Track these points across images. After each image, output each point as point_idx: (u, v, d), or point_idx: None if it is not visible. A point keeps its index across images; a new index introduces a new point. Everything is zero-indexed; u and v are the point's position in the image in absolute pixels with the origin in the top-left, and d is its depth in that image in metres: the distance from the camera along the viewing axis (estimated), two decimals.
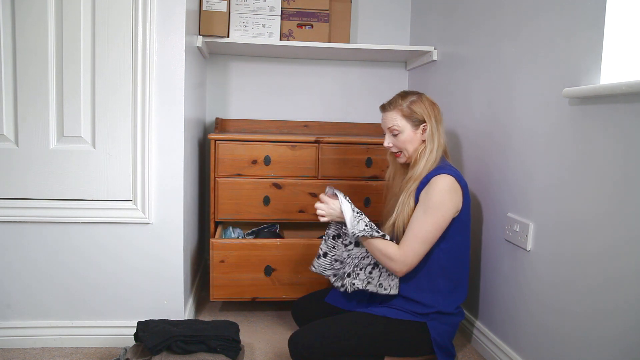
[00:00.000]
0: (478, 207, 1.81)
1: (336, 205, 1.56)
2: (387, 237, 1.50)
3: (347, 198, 1.56)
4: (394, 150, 1.61)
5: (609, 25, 1.17)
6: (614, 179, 1.13)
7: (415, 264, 1.47)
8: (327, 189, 1.61)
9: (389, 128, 1.58)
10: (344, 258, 1.62)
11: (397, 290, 1.52)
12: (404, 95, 1.60)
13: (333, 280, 1.61)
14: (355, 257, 1.59)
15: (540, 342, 1.42)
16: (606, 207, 1.15)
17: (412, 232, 1.46)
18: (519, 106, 1.55)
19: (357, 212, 1.53)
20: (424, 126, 1.55)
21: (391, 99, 1.61)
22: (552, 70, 1.37)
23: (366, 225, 1.49)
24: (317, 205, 1.58)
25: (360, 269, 1.55)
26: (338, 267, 1.63)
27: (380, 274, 1.54)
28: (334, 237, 1.65)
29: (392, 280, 1.52)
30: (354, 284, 1.53)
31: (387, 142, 1.60)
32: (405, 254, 1.45)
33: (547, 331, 1.38)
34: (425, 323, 1.50)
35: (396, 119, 1.56)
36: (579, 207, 1.25)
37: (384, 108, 1.61)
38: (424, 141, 1.56)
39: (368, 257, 1.57)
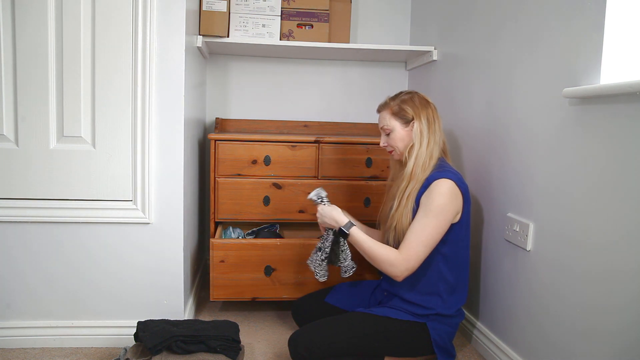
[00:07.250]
0: (478, 207, 1.81)
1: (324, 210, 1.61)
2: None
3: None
4: (388, 149, 1.63)
5: (609, 25, 1.17)
6: (614, 179, 1.13)
7: (416, 268, 1.46)
8: (315, 196, 1.67)
9: (381, 127, 1.62)
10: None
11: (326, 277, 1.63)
12: (397, 94, 1.63)
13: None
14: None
15: (540, 342, 1.42)
16: (606, 207, 1.15)
17: (413, 235, 1.44)
18: (519, 106, 1.55)
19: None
20: (413, 124, 1.55)
21: (384, 100, 1.64)
22: (552, 70, 1.37)
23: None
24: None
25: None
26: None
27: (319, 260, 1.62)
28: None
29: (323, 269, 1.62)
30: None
31: (382, 141, 1.64)
32: (407, 258, 1.43)
33: (547, 331, 1.38)
34: (425, 323, 1.50)
35: (386, 119, 1.60)
36: (579, 207, 1.25)
37: (378, 109, 1.66)
38: None
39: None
